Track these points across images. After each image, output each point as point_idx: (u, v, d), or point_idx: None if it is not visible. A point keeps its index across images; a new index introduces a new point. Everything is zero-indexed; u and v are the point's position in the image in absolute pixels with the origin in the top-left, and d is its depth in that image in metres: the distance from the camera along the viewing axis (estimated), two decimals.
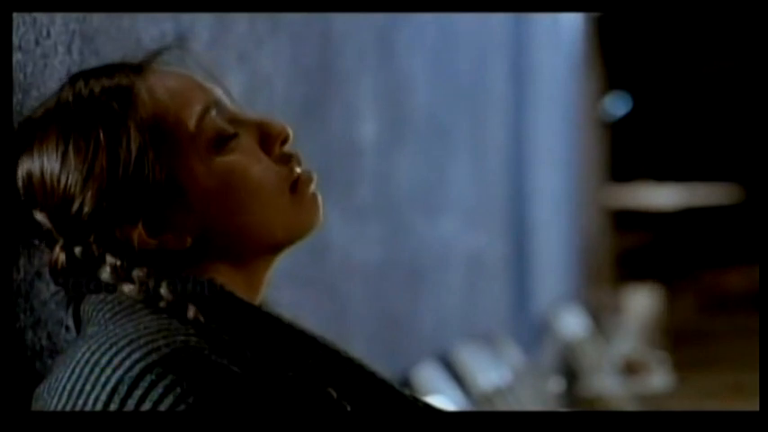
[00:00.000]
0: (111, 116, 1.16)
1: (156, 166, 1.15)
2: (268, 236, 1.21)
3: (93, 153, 1.15)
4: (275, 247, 1.23)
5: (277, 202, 1.20)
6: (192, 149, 1.17)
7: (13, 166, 1.26)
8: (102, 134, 1.15)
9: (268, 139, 1.22)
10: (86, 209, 1.15)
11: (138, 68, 1.21)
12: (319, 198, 1.23)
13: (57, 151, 1.16)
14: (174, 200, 1.17)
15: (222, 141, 1.18)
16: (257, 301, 1.24)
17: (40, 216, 1.18)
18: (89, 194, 1.15)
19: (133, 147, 1.15)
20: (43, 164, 1.17)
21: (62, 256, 1.17)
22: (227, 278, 1.19)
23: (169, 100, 1.18)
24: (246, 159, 1.19)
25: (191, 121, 1.18)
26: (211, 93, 1.22)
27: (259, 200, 1.19)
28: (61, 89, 1.22)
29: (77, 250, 1.16)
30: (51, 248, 1.19)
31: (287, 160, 1.22)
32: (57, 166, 1.16)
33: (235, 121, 1.21)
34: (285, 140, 1.23)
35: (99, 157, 1.15)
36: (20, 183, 1.19)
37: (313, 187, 1.23)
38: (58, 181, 1.16)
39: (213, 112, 1.19)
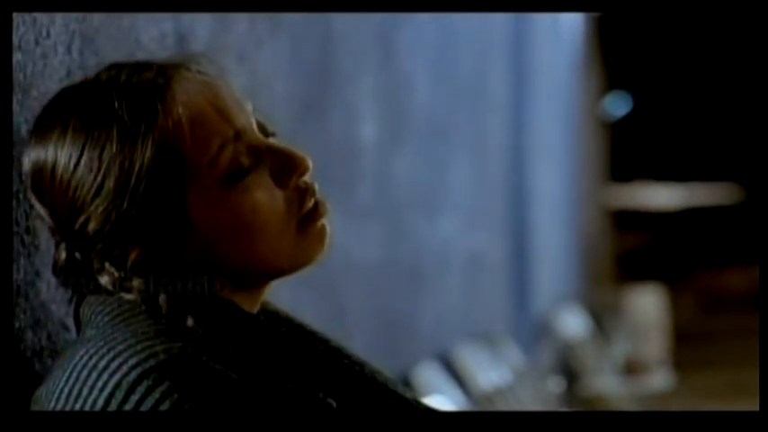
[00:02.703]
0: (129, 131, 1.13)
1: (166, 194, 1.13)
2: (270, 267, 1.19)
3: (106, 167, 1.13)
4: (277, 276, 1.22)
5: (282, 237, 1.18)
6: (204, 182, 1.15)
7: (12, 167, 1.26)
8: (117, 148, 1.13)
9: (286, 171, 1.19)
10: (91, 226, 1.14)
11: (169, 77, 1.17)
12: (327, 229, 1.21)
13: (71, 154, 1.14)
14: (179, 229, 1.15)
15: (236, 176, 1.16)
16: (257, 307, 1.24)
17: (42, 210, 1.17)
18: (95, 213, 1.13)
19: (145, 170, 1.13)
20: (56, 161, 1.15)
21: (63, 255, 1.17)
22: (228, 293, 1.18)
23: (190, 125, 1.15)
24: (257, 195, 1.17)
25: (207, 154, 1.15)
26: (236, 119, 1.18)
27: (264, 236, 1.17)
28: (92, 80, 1.19)
29: (77, 255, 1.16)
30: (53, 237, 1.19)
31: (301, 193, 1.20)
32: (69, 171, 1.14)
33: (254, 151, 1.18)
34: (303, 173, 1.20)
35: (111, 173, 1.13)
36: (27, 167, 1.18)
37: (323, 220, 1.21)
38: (68, 187, 1.14)
39: (232, 145, 1.16)
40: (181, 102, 1.15)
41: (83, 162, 1.14)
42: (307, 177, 1.21)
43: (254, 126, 1.21)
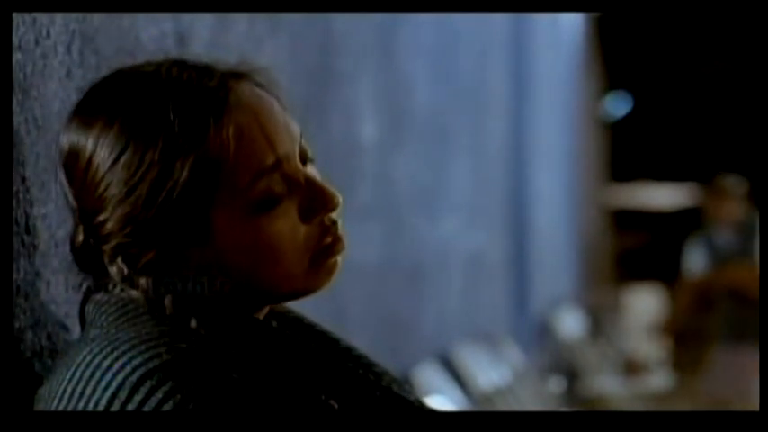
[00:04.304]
0: (176, 142, 1.12)
1: (194, 209, 1.13)
2: (276, 291, 1.20)
3: (143, 172, 1.12)
4: (281, 300, 1.23)
5: (294, 267, 1.18)
6: (233, 203, 1.15)
7: (12, 167, 1.26)
8: (159, 156, 1.12)
9: (314, 208, 1.19)
10: (110, 225, 1.14)
11: (228, 89, 1.16)
12: (338, 265, 1.22)
13: (112, 149, 1.13)
14: (198, 242, 1.15)
15: (265, 205, 1.16)
16: (263, 314, 1.24)
17: (67, 190, 1.17)
18: (118, 214, 1.13)
19: (181, 183, 1.12)
20: (95, 152, 1.14)
21: (80, 238, 1.17)
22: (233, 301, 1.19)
23: (235, 148, 1.14)
24: (280, 227, 1.17)
25: (244, 179, 1.15)
26: (280, 145, 1.18)
27: (277, 264, 1.17)
28: (152, 74, 1.17)
29: (92, 241, 1.16)
30: (72, 217, 1.19)
31: (323, 229, 1.20)
32: (105, 166, 1.13)
33: (288, 180, 1.18)
34: (331, 212, 1.21)
35: (146, 179, 1.12)
36: (65, 146, 1.17)
37: (337, 257, 1.22)
38: (100, 182, 1.14)
39: (269, 175, 1.16)
40: (233, 122, 1.15)
41: (122, 161, 1.13)
42: (334, 214, 1.21)
43: (297, 152, 1.20)
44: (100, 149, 1.14)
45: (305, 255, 1.19)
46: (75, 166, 1.16)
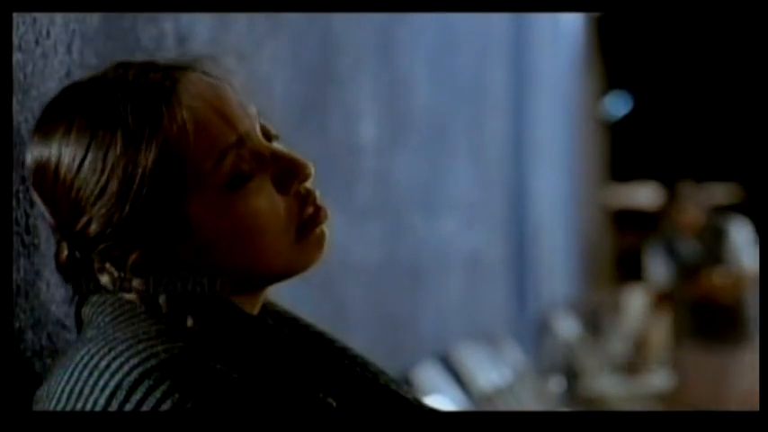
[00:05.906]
0: (134, 134, 1.13)
1: (168, 198, 1.13)
2: (268, 271, 1.20)
3: (110, 169, 1.13)
4: (275, 280, 1.22)
5: (281, 242, 1.18)
6: (205, 187, 1.15)
7: (12, 167, 1.26)
8: (121, 151, 1.12)
9: (287, 178, 1.19)
10: (92, 228, 1.14)
11: (175, 79, 1.16)
12: (326, 235, 1.22)
13: (75, 153, 1.14)
14: (179, 233, 1.15)
15: (237, 182, 1.16)
16: (257, 308, 1.24)
17: (43, 208, 1.17)
18: (97, 215, 1.13)
19: (148, 174, 1.12)
20: (60, 160, 1.14)
21: (65, 253, 1.17)
22: (227, 295, 1.18)
23: (194, 131, 1.14)
24: (258, 201, 1.17)
25: (209, 160, 1.15)
26: (240, 124, 1.18)
27: (263, 241, 1.17)
28: (99, 78, 1.18)
29: (78, 254, 1.16)
30: (54, 235, 1.19)
31: (302, 199, 1.20)
32: (72, 171, 1.14)
33: (256, 156, 1.18)
34: (305, 180, 1.20)
35: (114, 176, 1.12)
36: (30, 164, 1.17)
37: (322, 227, 1.21)
38: (71, 188, 1.14)
39: (234, 151, 1.16)
40: (186, 106, 1.15)
41: (86, 163, 1.13)
42: (308, 183, 1.21)
43: (258, 130, 1.20)
44: (63, 157, 1.14)
45: (290, 228, 1.19)
46: (43, 179, 1.16)
